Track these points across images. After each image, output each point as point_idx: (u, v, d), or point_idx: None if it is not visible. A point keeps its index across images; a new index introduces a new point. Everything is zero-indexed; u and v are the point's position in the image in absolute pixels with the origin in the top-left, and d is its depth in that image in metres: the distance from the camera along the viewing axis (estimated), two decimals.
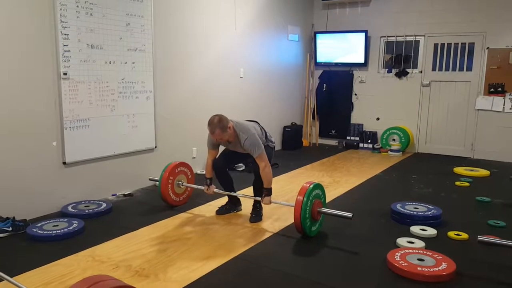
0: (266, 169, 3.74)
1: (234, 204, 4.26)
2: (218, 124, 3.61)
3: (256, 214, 4.01)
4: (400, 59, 7.58)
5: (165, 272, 2.94)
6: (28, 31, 3.81)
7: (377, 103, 7.88)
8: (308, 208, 3.41)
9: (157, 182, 4.33)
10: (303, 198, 3.39)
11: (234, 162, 4.24)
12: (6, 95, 3.70)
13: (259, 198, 3.88)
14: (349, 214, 3.52)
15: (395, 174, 6.00)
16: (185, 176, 4.44)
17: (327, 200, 4.64)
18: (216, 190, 4.13)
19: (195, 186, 4.40)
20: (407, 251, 3.17)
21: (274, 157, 5.72)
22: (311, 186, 3.50)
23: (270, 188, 3.82)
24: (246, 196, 4.13)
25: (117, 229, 3.70)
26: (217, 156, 4.07)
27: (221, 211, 4.18)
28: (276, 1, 7.26)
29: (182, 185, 4.36)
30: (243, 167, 5.93)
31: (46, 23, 3.93)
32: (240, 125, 3.80)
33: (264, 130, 4.06)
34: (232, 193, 4.17)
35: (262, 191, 4.04)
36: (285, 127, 7.84)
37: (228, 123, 3.68)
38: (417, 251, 3.19)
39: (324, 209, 3.61)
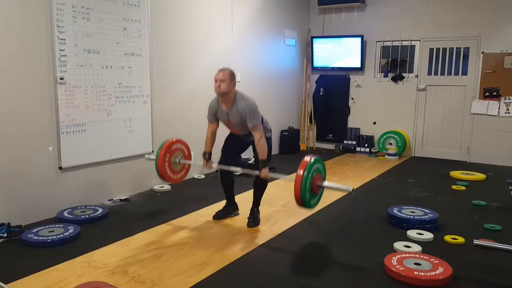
0: (261, 140, 3.72)
1: (231, 209, 4.25)
2: (230, 71, 3.79)
3: (254, 219, 4.01)
4: (396, 63, 7.61)
5: (161, 277, 2.93)
6: (24, 35, 3.81)
7: (374, 107, 7.90)
8: (308, 181, 3.32)
9: (154, 160, 4.15)
10: (304, 172, 3.30)
11: (237, 153, 4.15)
12: (2, 100, 3.69)
13: (257, 172, 3.80)
14: (350, 188, 3.48)
15: (391, 178, 6.01)
16: (182, 153, 4.26)
17: (324, 204, 4.66)
18: (214, 165, 4.06)
19: (193, 162, 4.31)
20: (404, 255, 3.18)
21: (272, 160, 5.68)
22: (312, 160, 3.40)
23: (266, 160, 3.76)
24: (245, 171, 4.00)
25: (114, 234, 3.69)
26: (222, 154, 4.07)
27: (218, 216, 4.18)
28: (272, 5, 7.28)
29: (179, 161, 4.21)
30: (240, 172, 5.91)
31: (43, 28, 3.93)
32: (244, 95, 3.85)
33: (262, 117, 4.03)
34: (228, 195, 4.18)
35: (259, 199, 4.05)
36: (282, 131, 7.85)
37: (235, 81, 3.83)
38: (414, 255, 3.19)
39: (324, 183, 3.53)
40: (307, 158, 3.40)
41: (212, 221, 4.10)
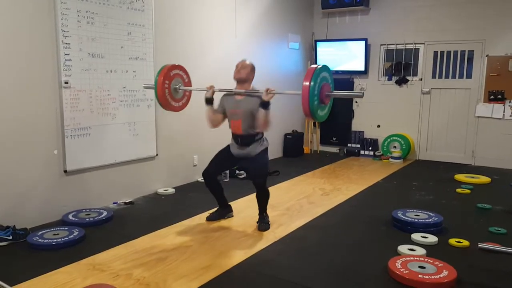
0: (266, 117, 3.72)
1: (224, 211, 4.26)
2: (252, 63, 4.07)
3: (264, 223, 4.00)
4: (400, 66, 7.60)
5: (165, 280, 2.93)
6: (29, 40, 3.84)
7: (378, 111, 7.89)
8: (316, 91, 3.21)
9: (153, 88, 4.03)
10: (310, 82, 3.18)
11: (224, 168, 4.17)
12: (7, 104, 3.72)
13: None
14: (360, 93, 3.48)
15: (396, 181, 6.00)
16: (181, 79, 4.16)
17: (327, 208, 4.66)
18: (216, 89, 4.03)
19: (194, 89, 4.20)
20: (408, 258, 3.17)
21: (276, 164, 5.70)
22: (319, 67, 3.28)
23: (264, 111, 3.72)
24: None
25: (118, 237, 3.70)
26: (209, 168, 4.06)
27: (211, 217, 4.19)
28: (276, 9, 7.30)
29: (179, 88, 4.08)
30: (244, 175, 5.93)
31: (47, 32, 3.96)
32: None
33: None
34: (218, 199, 4.21)
35: (264, 207, 4.04)
36: (286, 134, 7.85)
37: (254, 74, 4.09)
38: (418, 258, 3.18)
39: (334, 92, 3.45)
40: (313, 66, 3.30)
41: (216, 224, 4.10)
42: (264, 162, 3.96)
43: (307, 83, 3.18)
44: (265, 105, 3.71)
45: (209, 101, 3.99)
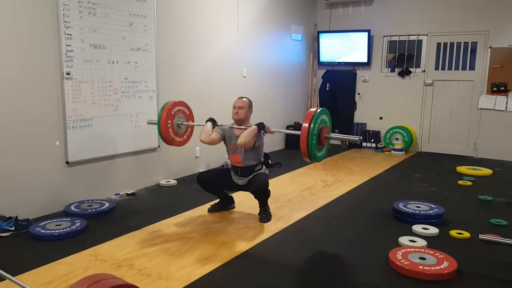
0: (247, 137, 3.70)
1: (226, 203, 4.27)
2: (249, 100, 4.00)
3: (266, 214, 4.01)
4: (403, 58, 7.57)
5: (167, 270, 2.95)
6: (31, 31, 3.83)
7: (380, 102, 7.87)
8: (315, 133, 3.26)
9: (156, 126, 4.07)
10: (310, 124, 3.21)
11: (219, 185, 4.12)
12: (10, 95, 3.73)
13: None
14: (356, 138, 3.53)
15: (398, 173, 5.99)
16: (183, 114, 4.19)
17: (329, 199, 4.67)
18: (218, 124, 4.03)
19: (196, 124, 4.22)
20: (409, 249, 3.18)
21: (278, 156, 5.72)
22: (318, 111, 3.32)
23: (256, 127, 3.74)
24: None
25: (120, 228, 3.72)
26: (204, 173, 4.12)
27: (213, 209, 4.21)
28: (279, 0, 7.26)
29: (182, 124, 4.12)
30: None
31: (49, 23, 3.95)
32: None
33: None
34: (218, 195, 4.22)
35: (266, 200, 4.05)
36: (288, 126, 7.84)
37: (252, 110, 4.00)
38: (419, 249, 3.19)
39: (332, 134, 3.50)
40: (312, 110, 3.34)
41: (218, 215, 4.12)
42: (264, 178, 3.94)
43: (307, 125, 3.23)
44: (261, 125, 3.78)
45: (212, 120, 4.02)
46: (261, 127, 3.78)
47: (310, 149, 3.24)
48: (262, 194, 3.97)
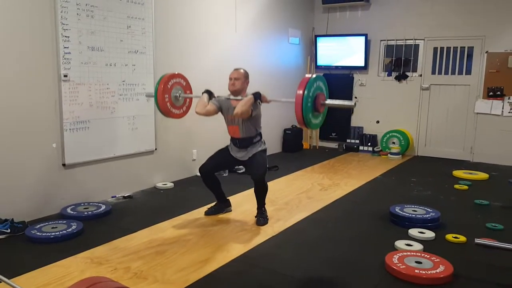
0: (244, 105, 3.72)
1: (223, 206, 4.27)
2: (244, 71, 4.03)
3: (263, 217, 4.02)
4: (400, 62, 7.60)
5: (163, 274, 2.95)
6: (29, 33, 3.83)
7: (377, 106, 7.89)
8: (310, 100, 3.24)
9: (153, 97, 4.10)
10: (304, 91, 3.20)
11: (221, 167, 4.14)
12: (7, 97, 3.72)
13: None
14: (351, 103, 3.51)
15: (394, 177, 6.01)
16: (181, 86, 4.17)
17: (326, 203, 4.67)
18: (216, 95, 4.04)
19: (194, 96, 4.20)
20: (405, 253, 3.18)
21: (275, 159, 5.70)
22: (313, 77, 3.31)
23: (252, 97, 3.77)
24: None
25: (116, 231, 3.71)
26: (206, 164, 4.07)
27: (210, 212, 4.21)
28: (276, 4, 7.28)
29: (180, 96, 4.11)
30: (243, 169, 5.94)
31: (47, 25, 3.95)
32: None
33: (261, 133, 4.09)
34: (216, 194, 4.21)
35: (263, 201, 4.05)
36: (285, 129, 7.85)
37: (248, 81, 4.05)
38: (415, 253, 3.19)
39: (327, 101, 3.48)
40: (308, 75, 3.33)
41: (214, 218, 4.12)
42: (263, 159, 3.97)
43: (301, 92, 3.21)
44: (257, 94, 3.79)
45: (209, 92, 4.00)
46: (257, 96, 3.78)
47: (305, 116, 3.23)
48: (261, 182, 3.92)
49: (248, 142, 3.97)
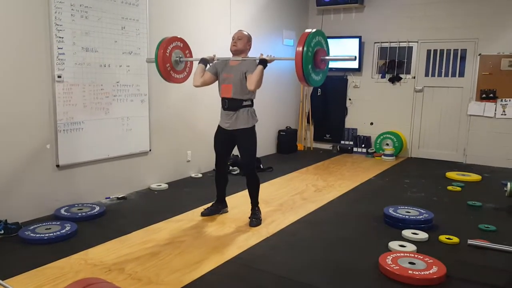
0: (257, 77, 3.73)
1: (220, 206, 4.28)
2: (247, 33, 4.10)
3: (256, 218, 4.02)
4: (393, 64, 7.64)
5: (157, 275, 2.95)
6: (22, 33, 3.82)
7: (371, 108, 7.93)
8: (309, 56, 3.22)
9: (154, 62, 4.09)
10: (303, 47, 3.19)
11: (226, 147, 4.07)
12: (0, 98, 3.70)
13: None
14: (352, 56, 3.49)
15: (388, 178, 6.03)
16: (180, 49, 4.17)
17: (320, 204, 4.69)
18: (217, 57, 4.06)
19: (195, 59, 4.17)
20: (398, 254, 3.20)
21: (270, 160, 5.67)
22: (312, 32, 3.28)
23: (261, 66, 3.79)
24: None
25: (110, 232, 3.70)
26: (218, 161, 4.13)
27: (206, 212, 4.22)
28: (271, 6, 7.30)
29: (180, 60, 4.12)
30: (238, 171, 5.95)
31: (41, 26, 3.94)
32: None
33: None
34: (220, 192, 4.25)
35: (256, 198, 4.06)
36: (280, 131, 7.87)
37: (251, 44, 4.13)
38: (408, 254, 3.21)
39: (327, 57, 3.48)
40: (308, 30, 3.32)
41: (209, 220, 4.12)
42: (253, 140, 3.96)
43: (300, 49, 3.21)
44: (263, 61, 3.79)
45: (204, 61, 3.99)
46: (264, 64, 3.78)
47: (305, 72, 3.23)
48: (249, 158, 3.96)
49: (237, 103, 3.88)
